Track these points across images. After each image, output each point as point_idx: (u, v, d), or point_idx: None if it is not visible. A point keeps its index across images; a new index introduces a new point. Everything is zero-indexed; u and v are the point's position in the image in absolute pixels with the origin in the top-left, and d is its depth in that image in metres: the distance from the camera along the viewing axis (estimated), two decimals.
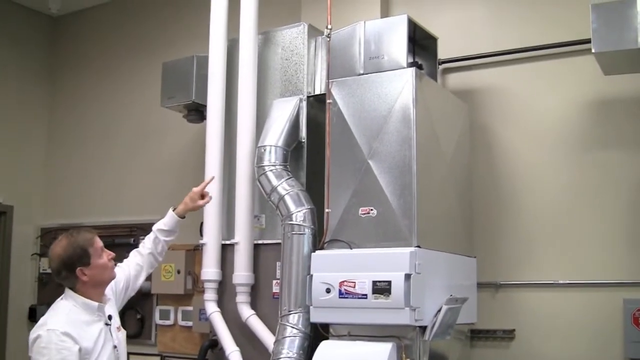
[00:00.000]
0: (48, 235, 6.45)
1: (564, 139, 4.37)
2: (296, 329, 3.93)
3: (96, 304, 3.41)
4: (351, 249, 3.73)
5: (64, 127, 6.64)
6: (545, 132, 4.43)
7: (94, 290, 3.43)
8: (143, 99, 6.02)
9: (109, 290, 3.56)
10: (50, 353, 3.24)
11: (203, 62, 4.81)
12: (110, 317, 3.47)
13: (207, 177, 4.14)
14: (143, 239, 5.48)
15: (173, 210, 3.82)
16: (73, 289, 3.41)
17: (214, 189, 4.48)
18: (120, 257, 5.72)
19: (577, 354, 4.15)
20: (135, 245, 5.61)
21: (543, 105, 4.46)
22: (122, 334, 3.56)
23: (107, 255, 3.47)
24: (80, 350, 3.25)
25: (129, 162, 6.10)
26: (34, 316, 6.41)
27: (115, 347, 3.45)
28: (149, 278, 5.29)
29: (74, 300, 3.39)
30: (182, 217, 3.80)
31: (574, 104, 4.37)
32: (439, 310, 3.58)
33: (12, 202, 6.42)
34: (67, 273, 3.39)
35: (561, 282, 4.25)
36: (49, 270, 6.35)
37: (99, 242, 3.45)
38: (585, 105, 4.33)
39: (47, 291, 6.39)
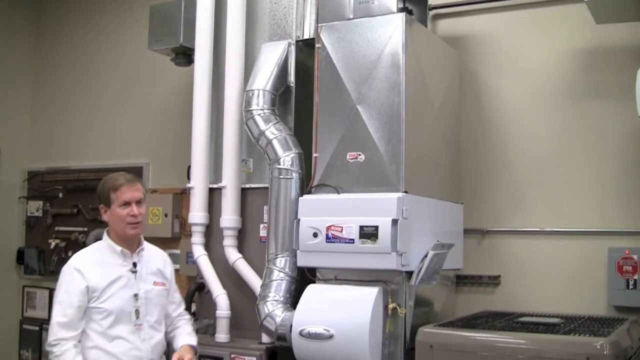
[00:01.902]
0: (35, 179, 6.44)
1: (554, 88, 4.36)
2: (283, 272, 3.95)
3: (119, 248, 3.55)
4: (339, 193, 3.73)
5: (50, 70, 6.56)
6: (535, 81, 4.42)
7: (120, 241, 3.57)
8: (130, 42, 5.94)
9: (165, 271, 3.72)
10: (61, 285, 3.48)
11: (191, 5, 4.73)
12: (135, 265, 3.57)
13: None
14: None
15: None
16: (108, 233, 3.61)
17: (201, 133, 4.48)
18: None
19: (561, 300, 4.19)
20: None
21: (533, 53, 4.44)
22: (156, 288, 3.63)
23: (130, 211, 3.51)
24: (87, 288, 3.41)
25: (116, 106, 6.04)
26: (22, 259, 6.43)
27: (135, 295, 3.51)
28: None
29: (104, 242, 3.60)
30: None
31: (564, 53, 4.34)
32: (426, 256, 3.60)
33: None
34: (98, 204, 3.63)
35: (547, 229, 4.28)
36: (36, 214, 6.37)
37: (127, 195, 3.52)
38: (576, 54, 4.31)
39: (35, 234, 6.40)
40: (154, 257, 3.74)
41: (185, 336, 3.72)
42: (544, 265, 4.27)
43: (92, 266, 3.49)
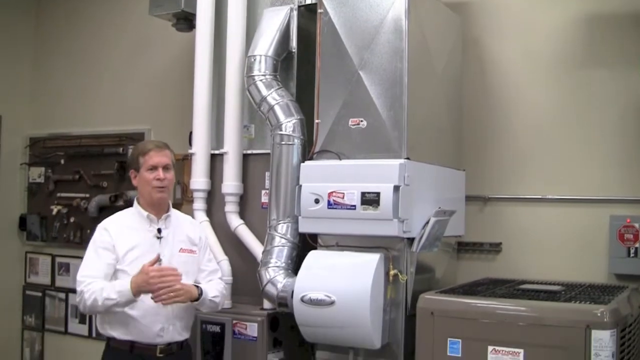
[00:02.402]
0: (36, 145, 6.43)
1: (557, 55, 4.32)
2: (285, 238, 3.96)
3: (146, 213, 3.67)
4: (340, 159, 3.72)
5: (51, 36, 6.52)
6: (538, 48, 4.38)
7: (148, 206, 3.71)
8: (131, 8, 5.89)
9: (194, 238, 3.80)
10: (91, 244, 3.63)
11: None
12: (159, 231, 3.66)
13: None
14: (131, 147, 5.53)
15: None
16: (138, 199, 3.74)
17: (202, 99, 4.46)
18: (109, 166, 5.78)
19: (562, 268, 4.19)
20: (124, 155, 5.67)
21: (537, 20, 4.40)
22: (183, 255, 3.71)
23: (156, 175, 3.62)
24: (114, 247, 3.57)
25: (117, 72, 6.01)
26: (24, 225, 6.45)
27: (159, 260, 3.56)
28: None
29: (133, 208, 3.75)
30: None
31: (568, 20, 4.30)
32: (427, 222, 3.60)
33: None
34: (129, 170, 3.80)
35: (549, 197, 4.27)
36: (38, 180, 6.37)
37: (154, 159, 3.65)
38: (580, 21, 4.26)
39: (37, 200, 6.41)
40: (183, 224, 3.82)
41: (202, 282, 3.76)
42: (545, 233, 4.27)
43: (119, 228, 3.64)
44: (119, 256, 3.57)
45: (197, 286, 3.66)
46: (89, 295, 3.45)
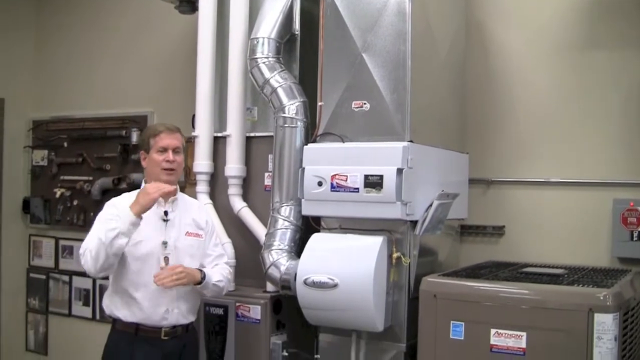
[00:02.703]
0: (40, 128, 6.43)
1: (560, 38, 4.30)
2: (288, 221, 3.96)
3: None
4: (343, 142, 3.71)
5: (54, 18, 6.51)
6: (542, 32, 4.36)
7: None
8: None
9: (200, 222, 3.82)
10: (97, 219, 3.61)
11: None
12: (166, 213, 3.67)
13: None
14: (134, 130, 5.54)
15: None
16: (146, 182, 3.71)
17: (205, 82, 4.45)
18: (112, 149, 5.78)
19: (565, 251, 4.19)
20: (127, 138, 5.67)
21: (540, 4, 4.38)
22: (189, 239, 3.72)
23: (166, 157, 3.65)
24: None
25: (120, 54, 6.00)
26: (27, 208, 6.46)
27: (165, 242, 3.59)
28: (140, 170, 5.36)
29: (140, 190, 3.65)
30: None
31: (571, 4, 4.28)
32: (430, 205, 3.60)
33: (2, 94, 6.36)
34: (139, 152, 3.83)
35: (552, 180, 4.27)
36: (41, 163, 6.37)
37: (165, 141, 3.67)
38: (584, 3, 4.24)
39: (40, 183, 6.42)
40: (191, 208, 3.83)
41: (208, 267, 3.78)
42: (549, 216, 4.27)
43: (125, 207, 3.55)
44: None
45: (201, 270, 3.67)
46: (92, 244, 3.42)
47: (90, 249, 3.42)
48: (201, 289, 3.70)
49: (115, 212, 3.57)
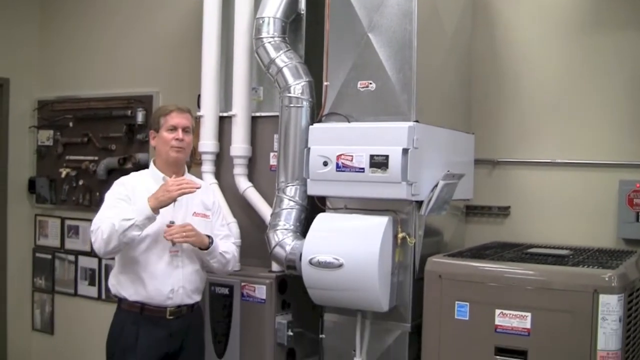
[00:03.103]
0: (45, 108, 6.42)
1: (567, 19, 4.26)
2: (293, 201, 3.96)
3: (162, 175, 3.70)
4: (349, 122, 3.70)
5: None
6: (549, 12, 4.32)
7: (165, 167, 3.78)
8: None
9: (207, 203, 3.87)
10: (107, 196, 3.69)
11: None
12: None
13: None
14: (140, 110, 5.53)
15: None
16: (154, 161, 3.80)
17: (211, 62, 4.44)
18: (117, 129, 5.77)
19: (571, 232, 4.18)
20: (132, 118, 5.66)
21: None
22: (195, 219, 3.73)
23: (175, 135, 3.68)
24: (129, 197, 3.61)
25: (126, 34, 5.97)
26: (33, 188, 6.47)
27: (172, 222, 3.62)
28: (146, 150, 5.37)
29: (149, 170, 3.82)
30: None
31: None
32: (436, 186, 3.59)
33: (7, 74, 6.34)
34: (148, 132, 3.90)
35: (558, 161, 4.25)
36: (47, 143, 6.37)
37: (175, 120, 3.72)
38: None
39: (46, 163, 6.42)
40: (199, 190, 3.78)
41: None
42: (554, 197, 4.26)
43: (135, 186, 3.68)
44: None
45: (209, 236, 3.71)
46: (105, 226, 3.45)
47: (103, 230, 3.45)
48: (208, 255, 3.72)
49: (124, 191, 3.63)
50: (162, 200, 3.45)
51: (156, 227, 3.58)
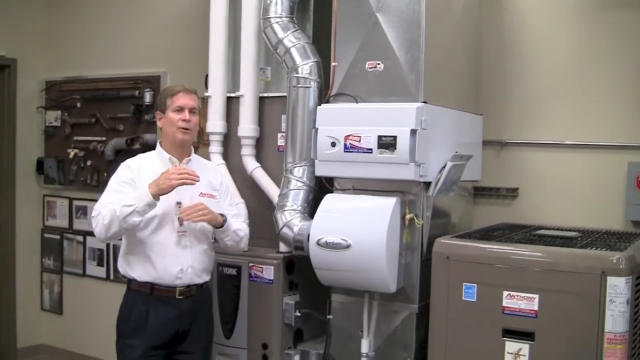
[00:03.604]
0: (53, 89, 6.43)
1: None
2: (301, 182, 3.96)
3: (168, 156, 3.72)
4: (357, 103, 3.69)
5: None
6: None
7: (171, 148, 3.76)
8: None
9: (214, 184, 3.85)
10: (112, 179, 3.70)
11: None
12: None
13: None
14: (147, 90, 5.52)
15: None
16: (161, 142, 3.80)
17: (219, 42, 4.43)
18: (125, 109, 5.77)
19: (579, 214, 4.17)
20: (140, 98, 5.66)
21: None
22: (203, 199, 3.71)
23: (182, 116, 3.67)
24: (134, 181, 3.62)
25: (133, 14, 5.97)
26: (41, 168, 6.48)
27: (179, 202, 3.63)
28: (153, 130, 5.36)
29: (156, 151, 3.81)
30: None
31: None
32: (444, 167, 3.58)
33: (15, 55, 6.35)
34: (154, 113, 3.86)
35: (567, 142, 4.23)
36: (55, 123, 6.38)
37: (182, 100, 3.70)
38: None
39: (54, 144, 6.44)
40: (205, 170, 3.85)
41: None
42: (563, 179, 4.24)
43: (141, 168, 3.69)
44: None
45: (222, 215, 3.72)
46: (106, 212, 3.48)
47: (104, 215, 3.48)
48: (222, 233, 3.74)
49: (130, 174, 3.63)
50: (162, 187, 3.45)
51: (163, 208, 3.59)
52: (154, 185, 3.46)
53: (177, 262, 3.64)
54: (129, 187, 3.60)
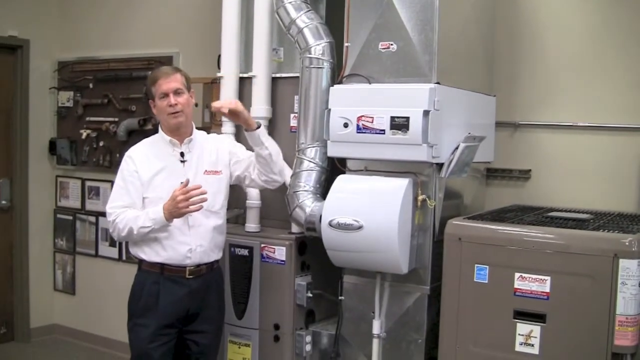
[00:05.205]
0: (65, 69, 6.43)
1: None
2: (313, 162, 3.96)
3: (168, 138, 3.74)
4: (370, 83, 3.67)
5: None
6: None
7: (169, 132, 3.77)
8: None
9: (219, 158, 3.86)
10: (118, 174, 3.76)
11: None
12: (182, 154, 3.75)
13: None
14: None
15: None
16: (161, 126, 3.82)
17: (231, 22, 4.41)
18: (138, 90, 5.76)
19: (591, 196, 4.16)
20: None
21: None
22: (207, 177, 3.76)
23: (168, 102, 3.66)
24: (137, 172, 3.68)
25: None
26: (54, 149, 6.50)
27: (184, 181, 3.61)
28: None
29: (158, 135, 3.83)
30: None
31: None
32: (457, 148, 3.56)
33: (27, 36, 6.34)
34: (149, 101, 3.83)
35: (580, 124, 4.21)
36: (67, 104, 6.39)
37: (163, 87, 3.69)
38: None
39: (66, 125, 6.45)
40: (208, 146, 3.85)
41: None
42: (575, 161, 4.23)
43: (142, 156, 3.74)
44: (143, 181, 3.68)
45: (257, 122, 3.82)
46: (123, 225, 3.60)
47: (121, 228, 3.62)
48: (261, 137, 3.77)
49: (132, 166, 3.69)
50: (175, 215, 3.56)
51: (169, 189, 3.60)
52: (166, 210, 3.54)
53: (186, 242, 3.67)
54: (134, 180, 3.68)
